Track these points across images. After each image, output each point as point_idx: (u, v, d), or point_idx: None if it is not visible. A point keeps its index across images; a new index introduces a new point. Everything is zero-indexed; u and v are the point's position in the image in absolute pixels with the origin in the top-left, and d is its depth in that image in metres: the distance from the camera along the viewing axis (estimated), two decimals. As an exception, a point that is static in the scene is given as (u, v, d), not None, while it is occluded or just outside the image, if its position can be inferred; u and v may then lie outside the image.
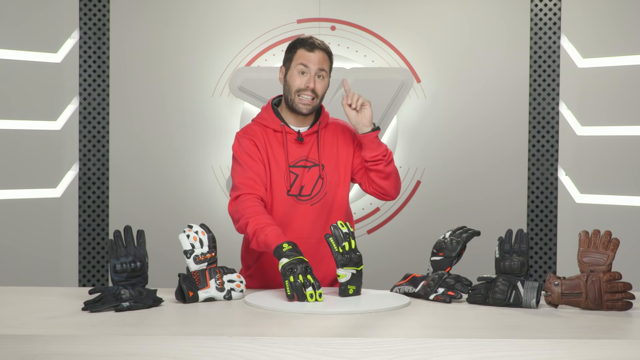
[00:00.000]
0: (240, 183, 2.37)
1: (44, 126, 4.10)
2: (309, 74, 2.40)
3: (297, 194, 2.42)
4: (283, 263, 2.06)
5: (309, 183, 2.43)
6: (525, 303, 2.03)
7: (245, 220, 2.26)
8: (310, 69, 2.40)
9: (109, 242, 2.09)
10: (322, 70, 2.41)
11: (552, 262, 4.25)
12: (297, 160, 2.43)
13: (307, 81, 2.40)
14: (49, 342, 1.63)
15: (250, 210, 2.28)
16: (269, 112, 2.48)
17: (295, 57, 2.44)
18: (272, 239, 2.15)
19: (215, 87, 4.29)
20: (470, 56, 4.31)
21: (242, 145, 2.44)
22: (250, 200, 2.32)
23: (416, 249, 3.94)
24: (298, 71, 2.42)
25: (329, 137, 2.49)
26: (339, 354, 1.62)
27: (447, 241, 2.27)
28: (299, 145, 2.45)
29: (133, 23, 4.26)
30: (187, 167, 4.30)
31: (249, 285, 2.47)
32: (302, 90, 2.40)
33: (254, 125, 2.49)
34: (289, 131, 2.44)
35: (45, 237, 4.11)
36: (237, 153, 2.44)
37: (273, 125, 2.45)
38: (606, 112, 4.09)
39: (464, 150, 4.32)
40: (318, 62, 2.41)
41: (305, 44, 2.44)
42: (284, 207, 2.42)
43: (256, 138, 2.44)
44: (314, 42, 2.44)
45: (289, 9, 4.31)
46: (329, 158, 2.46)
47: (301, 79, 2.41)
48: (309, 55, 2.41)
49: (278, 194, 2.42)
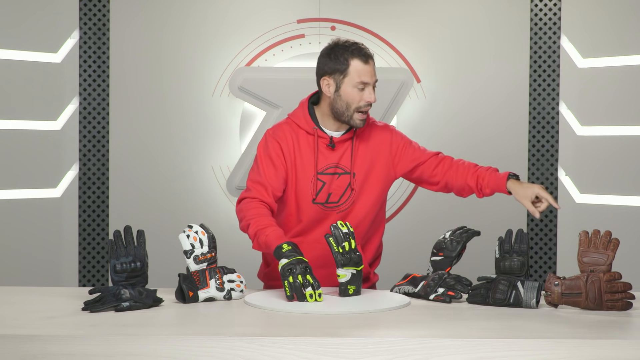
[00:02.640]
0: (251, 186, 2.33)
1: (44, 126, 4.10)
2: (367, 88, 2.30)
3: (323, 202, 2.36)
4: (282, 264, 2.06)
5: (338, 191, 2.36)
6: (525, 303, 2.03)
7: (247, 222, 2.25)
8: (370, 83, 2.30)
9: (109, 242, 2.09)
10: (376, 82, 2.33)
11: (552, 262, 4.25)
12: (326, 167, 2.35)
13: (368, 96, 2.29)
14: (48, 342, 1.63)
15: (253, 212, 2.26)
16: (304, 112, 2.38)
17: (350, 71, 2.29)
18: (273, 240, 2.15)
19: (215, 87, 4.29)
20: (470, 56, 4.31)
21: (267, 147, 2.36)
22: (254, 203, 2.30)
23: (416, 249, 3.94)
24: (357, 88, 2.29)
25: (365, 142, 2.39)
26: (339, 354, 1.62)
27: (447, 241, 2.27)
28: (330, 151, 2.35)
29: (133, 23, 4.26)
30: (187, 167, 4.30)
31: (267, 285, 2.47)
32: (362, 107, 2.30)
33: (285, 124, 2.39)
34: (321, 135, 2.35)
35: (45, 237, 4.11)
36: (260, 154, 2.36)
37: (306, 127, 2.35)
38: (606, 112, 4.09)
39: (464, 150, 4.31)
40: (374, 74, 2.32)
41: (359, 54, 2.29)
42: (309, 214, 2.36)
43: (285, 142, 2.35)
44: (366, 52, 2.31)
45: (289, 9, 4.31)
46: (362, 166, 2.37)
47: (361, 94, 2.29)
48: (366, 68, 2.29)
49: (303, 202, 2.36)
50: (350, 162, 2.37)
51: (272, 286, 2.45)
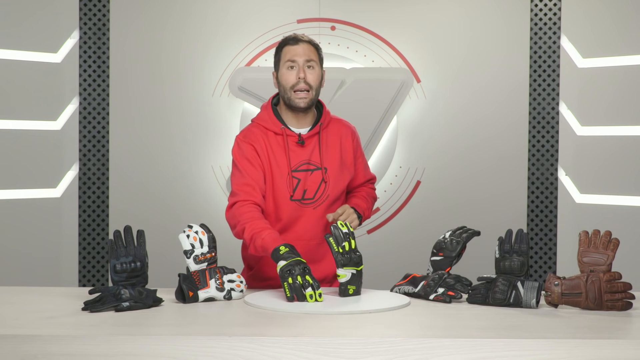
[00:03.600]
0: (238, 189, 2.36)
1: (44, 126, 4.10)
2: (297, 67, 2.38)
3: (300, 199, 2.40)
4: (281, 265, 2.06)
5: (312, 187, 2.41)
6: (525, 303, 2.03)
7: (242, 226, 2.26)
8: (298, 62, 2.38)
9: (109, 242, 2.09)
10: (311, 61, 2.39)
11: (552, 262, 4.25)
12: (299, 164, 2.41)
13: (296, 74, 2.37)
14: (48, 342, 1.63)
15: (247, 216, 2.28)
16: (269, 113, 2.45)
17: (282, 56, 2.42)
18: (269, 243, 2.16)
19: (215, 87, 4.29)
20: (470, 56, 4.31)
21: (242, 149, 2.41)
22: (247, 206, 2.31)
23: (416, 249, 3.94)
24: (287, 67, 2.39)
25: (331, 137, 2.46)
26: (339, 354, 1.62)
27: (447, 241, 2.27)
28: (300, 148, 2.41)
29: (133, 23, 4.26)
30: (187, 167, 4.30)
31: (251, 286, 2.48)
32: (295, 85, 2.37)
33: (254, 127, 2.45)
34: (289, 134, 2.41)
35: (45, 237, 4.11)
36: (237, 158, 2.41)
37: (274, 128, 2.41)
38: (606, 112, 4.09)
39: (464, 150, 4.32)
40: (304, 54, 2.38)
41: (288, 40, 2.42)
42: (288, 212, 2.40)
43: (257, 143, 2.40)
44: (297, 36, 2.42)
45: (289, 9, 4.31)
46: (332, 160, 2.44)
47: (291, 74, 2.38)
48: (294, 48, 2.39)
49: (281, 200, 2.40)
50: (320, 157, 2.43)
51: (259, 287, 2.44)
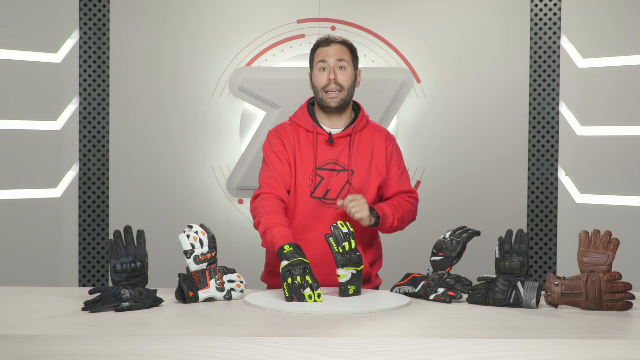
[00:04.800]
0: (263, 182, 2.40)
1: (44, 126, 4.10)
2: (328, 68, 2.40)
3: (321, 197, 2.41)
4: (282, 265, 2.07)
5: (336, 187, 2.41)
6: (525, 303, 2.03)
7: (259, 219, 2.29)
8: (329, 63, 2.40)
9: (109, 242, 2.09)
10: (342, 61, 2.41)
11: (552, 262, 4.25)
12: (325, 163, 2.41)
13: (327, 75, 2.39)
14: (48, 342, 1.63)
15: (265, 210, 2.30)
16: (303, 111, 2.48)
17: (315, 57, 2.45)
18: (278, 239, 2.16)
19: (215, 87, 4.29)
20: (470, 56, 4.31)
21: (271, 144, 2.45)
22: (268, 199, 2.34)
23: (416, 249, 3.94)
24: (319, 69, 2.42)
25: (364, 141, 2.46)
26: (339, 354, 1.62)
27: (447, 241, 2.27)
28: (329, 147, 2.42)
29: (133, 23, 4.25)
30: (187, 167, 4.30)
31: (268, 282, 2.49)
32: (326, 86, 2.40)
33: (286, 124, 2.49)
34: (320, 132, 2.43)
35: (45, 237, 4.11)
36: (266, 151, 2.46)
37: (305, 125, 2.44)
38: (606, 112, 4.09)
39: (464, 150, 4.32)
40: (335, 54, 2.40)
41: (321, 41, 2.45)
42: (307, 208, 2.41)
43: (286, 137, 2.44)
44: (329, 37, 2.44)
45: (289, 9, 4.31)
46: (360, 164, 2.43)
47: (322, 75, 2.41)
48: (326, 49, 2.42)
49: (301, 195, 2.41)
50: (348, 159, 2.42)
51: (274, 286, 2.46)
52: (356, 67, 2.47)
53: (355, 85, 2.46)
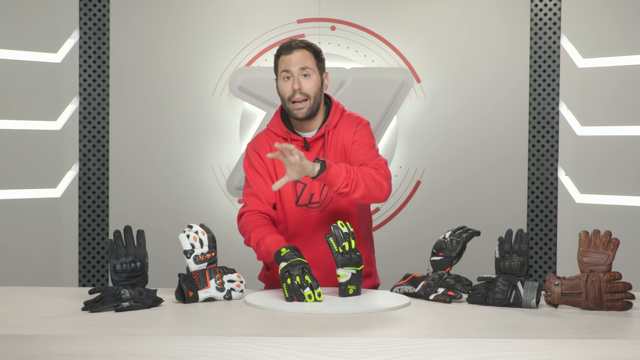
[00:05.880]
0: (247, 200, 2.40)
1: (44, 126, 4.10)
2: (292, 77, 2.32)
3: (307, 203, 2.39)
4: (281, 267, 2.07)
5: (318, 190, 2.39)
6: (525, 303, 2.03)
7: (248, 235, 2.30)
8: (293, 72, 2.32)
9: (109, 242, 2.09)
10: (306, 69, 2.32)
11: (552, 262, 4.25)
12: None
13: (291, 85, 2.32)
14: (48, 342, 1.63)
15: (251, 225, 2.31)
16: (277, 118, 2.44)
17: (278, 65, 2.36)
18: (272, 246, 2.17)
19: (215, 87, 4.29)
20: (470, 56, 4.31)
21: (249, 159, 2.43)
22: (252, 216, 2.35)
23: (416, 249, 3.94)
24: (283, 78, 2.34)
25: (337, 137, 2.41)
26: (339, 354, 1.62)
27: (447, 241, 2.27)
28: (305, 152, 2.38)
29: (133, 23, 4.25)
30: (187, 167, 4.30)
31: (268, 286, 2.48)
32: (292, 96, 2.32)
33: (262, 135, 2.46)
34: (294, 138, 2.39)
35: (45, 237, 4.11)
36: (246, 168, 2.43)
37: (280, 133, 2.41)
38: (606, 112, 4.09)
39: (464, 150, 4.32)
40: (298, 62, 2.31)
41: (283, 49, 2.35)
42: (295, 217, 2.40)
43: (263, 150, 2.40)
44: (291, 44, 2.34)
45: (289, 9, 4.31)
46: (334, 161, 2.39)
47: (287, 84, 2.33)
48: (288, 58, 2.32)
49: (287, 206, 2.40)
50: None
51: (273, 287, 2.45)
52: (322, 71, 2.38)
53: (323, 89, 2.39)
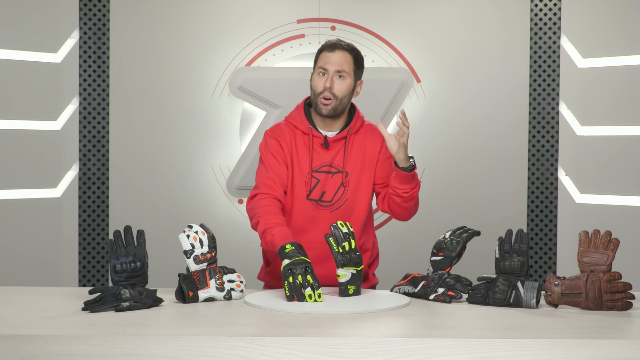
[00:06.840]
0: (260, 182, 2.39)
1: (44, 126, 4.10)
2: (327, 75, 2.38)
3: (317, 199, 2.41)
4: (284, 264, 2.07)
5: (331, 189, 2.42)
6: (525, 303, 2.03)
7: (257, 219, 2.28)
8: (329, 70, 2.38)
9: (109, 242, 2.09)
10: (342, 71, 2.38)
11: (552, 262, 4.25)
12: (320, 166, 2.42)
13: (324, 82, 2.37)
14: (48, 342, 1.63)
15: (263, 210, 2.30)
16: (300, 112, 2.47)
17: (318, 60, 2.42)
18: (278, 240, 2.16)
19: (215, 87, 4.29)
20: (470, 56, 4.31)
21: (268, 144, 2.44)
22: (265, 200, 2.34)
23: (416, 249, 3.94)
24: (318, 73, 2.40)
25: (358, 143, 2.45)
26: (339, 354, 1.62)
27: (447, 241, 2.27)
28: (324, 150, 2.43)
29: (133, 23, 4.25)
30: (187, 167, 4.30)
31: (268, 284, 2.48)
32: (321, 92, 2.38)
33: (283, 124, 2.48)
34: (316, 135, 2.43)
35: (45, 237, 4.10)
36: (263, 152, 2.45)
37: (302, 127, 2.44)
38: (606, 112, 4.09)
39: (464, 150, 4.32)
40: (337, 63, 2.37)
41: (327, 45, 2.41)
42: (303, 210, 2.41)
43: (283, 139, 2.43)
44: (336, 43, 2.41)
45: (289, 9, 4.31)
46: (354, 165, 2.43)
47: (320, 80, 2.39)
48: (329, 56, 2.39)
49: (298, 197, 2.41)
50: (342, 161, 2.42)
51: (273, 286, 2.46)
52: (358, 78, 2.44)
53: (353, 95, 2.44)
